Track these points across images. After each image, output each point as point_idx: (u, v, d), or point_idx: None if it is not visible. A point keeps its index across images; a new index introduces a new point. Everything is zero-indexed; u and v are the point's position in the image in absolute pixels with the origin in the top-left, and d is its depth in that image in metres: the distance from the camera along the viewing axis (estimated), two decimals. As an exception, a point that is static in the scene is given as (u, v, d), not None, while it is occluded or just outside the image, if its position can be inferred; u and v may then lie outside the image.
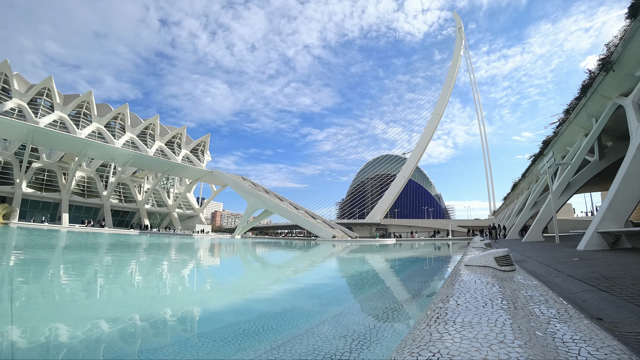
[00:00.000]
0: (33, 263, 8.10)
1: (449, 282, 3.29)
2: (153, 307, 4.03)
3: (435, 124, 74.86)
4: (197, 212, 64.48)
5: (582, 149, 13.88)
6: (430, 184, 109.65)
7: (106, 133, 50.87)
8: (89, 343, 2.70)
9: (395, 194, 72.96)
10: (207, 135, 68.86)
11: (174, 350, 2.56)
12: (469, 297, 2.38)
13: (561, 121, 17.13)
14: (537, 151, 22.23)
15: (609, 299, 2.69)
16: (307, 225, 41.67)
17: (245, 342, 2.74)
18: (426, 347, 1.37)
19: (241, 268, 10.62)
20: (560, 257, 6.64)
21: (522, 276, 3.78)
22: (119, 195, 54.71)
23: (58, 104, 47.63)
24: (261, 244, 25.89)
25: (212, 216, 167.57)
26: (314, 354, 2.33)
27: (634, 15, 9.25)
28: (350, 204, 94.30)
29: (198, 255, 13.59)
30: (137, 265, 9.10)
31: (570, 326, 1.75)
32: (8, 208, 38.22)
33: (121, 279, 6.44)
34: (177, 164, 53.84)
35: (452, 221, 71.25)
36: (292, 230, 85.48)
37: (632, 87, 10.54)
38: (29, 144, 40.01)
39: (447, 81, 76.60)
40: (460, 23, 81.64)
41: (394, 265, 11.30)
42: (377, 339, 2.72)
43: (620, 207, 8.55)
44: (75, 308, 3.82)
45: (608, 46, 10.84)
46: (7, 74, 43.19)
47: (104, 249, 13.71)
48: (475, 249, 8.56)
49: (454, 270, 4.67)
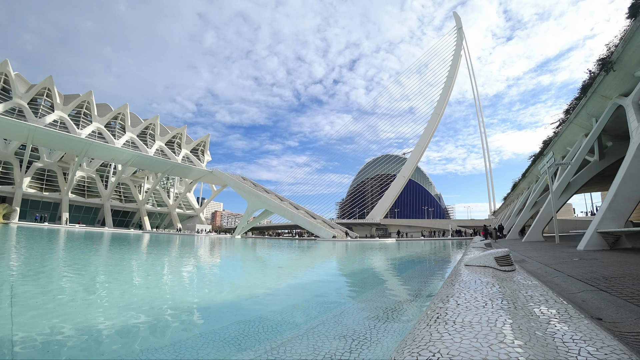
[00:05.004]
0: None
1: (449, 282, 3.30)
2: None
3: (435, 124, 74.90)
4: (197, 212, 64.50)
5: (582, 149, 13.88)
6: (430, 184, 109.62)
7: (106, 133, 50.91)
8: (85, 341, 2.71)
9: (395, 194, 72.98)
10: (207, 135, 68.95)
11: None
12: (469, 297, 2.38)
13: (561, 121, 17.13)
14: (537, 151, 22.26)
15: (609, 299, 2.69)
16: (307, 225, 41.67)
17: (246, 341, 2.74)
18: (426, 347, 1.37)
19: (241, 268, 10.62)
20: (560, 257, 6.64)
21: (522, 276, 3.78)
22: (119, 195, 54.73)
23: (58, 104, 47.65)
24: (261, 244, 25.91)
25: (212, 216, 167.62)
26: (314, 354, 2.34)
27: (634, 15, 9.25)
28: (350, 204, 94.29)
29: (207, 253, 13.61)
30: (139, 264, 9.10)
31: (570, 326, 1.75)
32: (8, 208, 38.24)
33: (124, 278, 6.45)
34: (177, 163, 53.86)
35: (452, 221, 71.29)
36: (292, 230, 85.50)
37: (632, 87, 10.53)
38: (29, 144, 40.03)
39: (448, 81, 76.62)
40: (460, 23, 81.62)
41: (393, 264, 11.30)
42: (377, 339, 2.72)
43: (620, 207, 8.54)
44: (74, 307, 3.83)
45: (608, 46, 10.84)
46: (8, 74, 43.22)
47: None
48: (475, 249, 8.56)
49: (454, 270, 4.67)
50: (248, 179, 54.04)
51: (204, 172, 55.81)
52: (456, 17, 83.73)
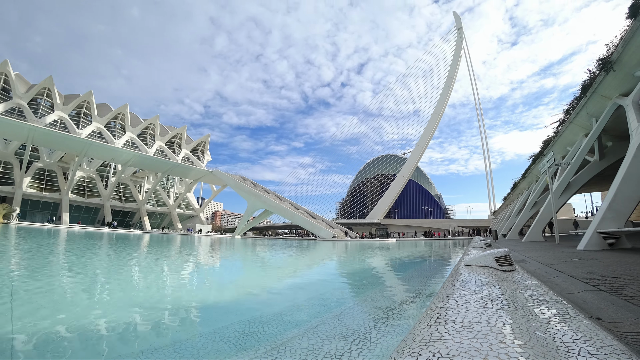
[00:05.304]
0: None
1: (449, 282, 3.30)
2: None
3: (436, 124, 74.91)
4: (197, 212, 64.50)
5: (582, 149, 13.87)
6: (430, 184, 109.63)
7: (106, 133, 50.89)
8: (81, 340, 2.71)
9: (395, 194, 72.98)
10: (207, 135, 68.98)
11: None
12: (469, 297, 2.38)
13: (561, 121, 17.13)
14: (537, 151, 22.25)
15: (609, 299, 2.69)
16: (307, 225, 41.67)
17: (246, 341, 2.74)
18: (426, 347, 1.37)
19: (242, 268, 10.63)
20: (560, 257, 6.64)
21: (522, 276, 3.78)
22: (119, 195, 54.72)
23: (58, 103, 47.63)
24: (261, 244, 25.90)
25: (212, 216, 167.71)
26: (314, 354, 2.34)
27: (634, 15, 9.25)
28: (350, 204, 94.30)
29: (204, 253, 13.61)
30: (140, 264, 9.10)
31: (570, 326, 1.75)
32: (8, 208, 38.23)
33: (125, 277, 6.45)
34: (177, 163, 53.87)
35: (452, 221, 71.31)
36: (292, 230, 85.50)
37: (632, 87, 10.53)
38: (29, 144, 40.02)
39: (448, 81, 76.63)
40: (460, 23, 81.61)
41: (393, 264, 11.30)
42: (377, 339, 2.72)
43: (620, 207, 8.54)
44: (73, 306, 3.83)
45: (608, 46, 10.83)
46: (8, 74, 43.21)
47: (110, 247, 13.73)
48: (475, 249, 8.56)
49: (454, 270, 4.67)
50: (248, 179, 54.04)
51: (204, 172, 55.81)
52: (456, 17, 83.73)
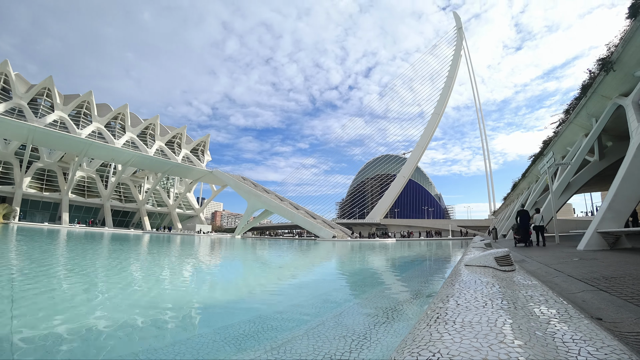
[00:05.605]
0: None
1: (449, 282, 3.29)
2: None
3: (436, 124, 74.88)
4: (197, 212, 64.50)
5: (582, 149, 13.88)
6: (430, 184, 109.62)
7: (106, 133, 50.88)
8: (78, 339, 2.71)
9: (395, 194, 72.95)
10: (207, 135, 68.99)
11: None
12: (469, 297, 2.38)
13: (561, 121, 17.13)
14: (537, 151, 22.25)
15: (609, 299, 2.69)
16: (307, 225, 41.68)
17: (246, 341, 2.74)
18: (426, 347, 1.37)
19: (242, 268, 10.63)
20: (560, 257, 6.64)
21: (522, 276, 3.78)
22: (119, 195, 54.73)
23: (58, 103, 47.64)
24: (261, 244, 25.90)
25: (212, 216, 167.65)
26: (314, 354, 2.34)
27: (634, 15, 9.25)
28: (350, 204, 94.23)
29: (204, 253, 13.61)
30: (141, 263, 9.10)
31: (570, 326, 1.75)
32: (8, 208, 38.24)
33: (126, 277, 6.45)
34: (177, 164, 53.87)
35: (452, 221, 71.30)
36: (292, 230, 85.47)
37: (632, 87, 10.53)
38: (29, 144, 40.03)
39: (448, 81, 76.61)
40: (460, 23, 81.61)
41: (393, 263, 11.31)
42: (377, 339, 2.72)
43: (620, 207, 8.54)
44: (72, 306, 3.83)
45: (608, 46, 10.84)
46: (8, 74, 43.21)
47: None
48: (475, 249, 8.55)
49: (454, 270, 4.67)
50: (248, 179, 54.06)
51: (203, 172, 55.82)
52: (456, 17, 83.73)
